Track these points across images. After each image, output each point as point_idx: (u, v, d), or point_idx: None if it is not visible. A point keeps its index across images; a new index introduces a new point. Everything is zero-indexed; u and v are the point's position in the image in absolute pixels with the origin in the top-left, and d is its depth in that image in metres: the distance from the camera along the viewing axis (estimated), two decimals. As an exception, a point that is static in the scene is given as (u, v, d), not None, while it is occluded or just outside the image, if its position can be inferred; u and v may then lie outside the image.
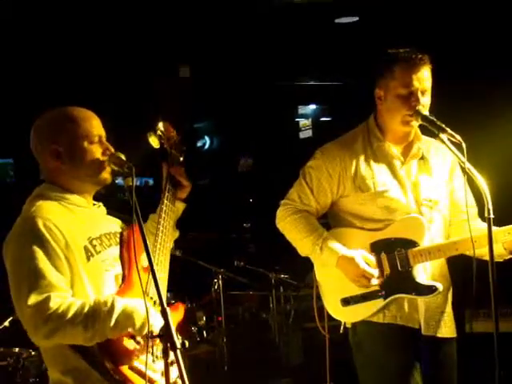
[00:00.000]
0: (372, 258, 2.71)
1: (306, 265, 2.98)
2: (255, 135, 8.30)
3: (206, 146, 9.11)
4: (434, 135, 2.61)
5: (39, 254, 2.13)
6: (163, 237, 2.37)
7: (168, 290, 5.01)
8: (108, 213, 2.48)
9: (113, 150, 2.32)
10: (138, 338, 2.18)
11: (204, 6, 5.35)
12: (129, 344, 2.16)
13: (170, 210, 2.43)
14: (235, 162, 8.78)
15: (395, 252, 2.69)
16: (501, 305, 2.33)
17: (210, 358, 5.30)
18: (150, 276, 2.21)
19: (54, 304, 2.08)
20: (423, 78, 2.69)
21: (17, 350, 3.76)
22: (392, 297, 2.70)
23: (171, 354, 1.92)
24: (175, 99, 6.31)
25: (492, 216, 2.36)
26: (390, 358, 2.69)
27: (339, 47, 6.18)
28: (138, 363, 2.16)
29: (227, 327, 5.40)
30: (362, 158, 2.79)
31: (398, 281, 2.69)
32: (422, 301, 2.71)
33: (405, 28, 5.55)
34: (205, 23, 5.65)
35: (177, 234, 2.58)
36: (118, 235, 2.38)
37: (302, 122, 8.67)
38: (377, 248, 2.72)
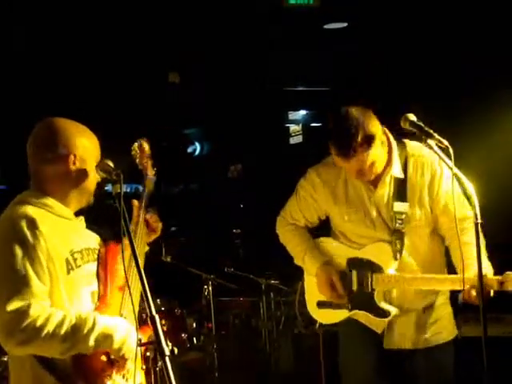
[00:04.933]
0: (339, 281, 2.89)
1: (297, 270, 3.07)
2: (245, 141, 8.31)
3: (197, 152, 9.10)
4: (421, 140, 2.62)
5: (23, 259, 2.08)
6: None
7: (158, 297, 5.01)
8: (87, 227, 2.43)
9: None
10: (113, 357, 2.15)
11: (193, 12, 5.36)
12: (103, 362, 2.13)
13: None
14: (225, 168, 8.78)
15: (364, 272, 2.84)
16: (489, 309, 2.34)
17: (200, 364, 5.29)
18: (125, 296, 2.26)
19: (33, 312, 2.04)
20: (352, 166, 2.73)
21: (5, 358, 3.73)
22: (354, 311, 2.88)
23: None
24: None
25: (480, 221, 2.37)
26: (351, 352, 2.93)
27: (328, 53, 6.19)
28: (110, 383, 2.13)
29: (217, 334, 5.39)
30: (335, 188, 2.92)
31: (362, 298, 2.85)
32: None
33: (394, 33, 5.59)
34: (194, 30, 5.66)
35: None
36: (95, 251, 2.35)
37: (293, 127, 8.67)
38: (351, 264, 2.90)
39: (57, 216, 2.24)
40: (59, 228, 2.22)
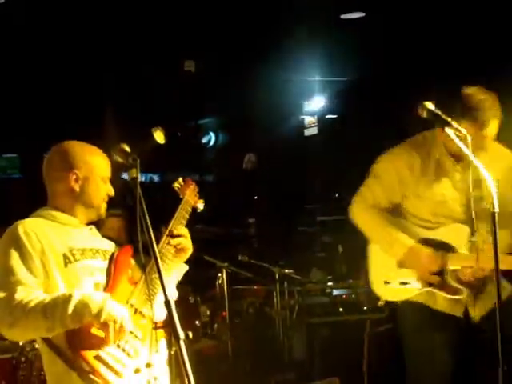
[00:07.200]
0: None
1: (310, 260, 3.05)
2: (260, 131, 8.30)
3: (211, 143, 9.11)
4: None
5: (14, 255, 2.33)
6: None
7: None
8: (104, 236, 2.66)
9: (113, 192, 2.54)
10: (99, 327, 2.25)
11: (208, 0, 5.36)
12: (96, 334, 2.24)
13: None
14: (240, 159, 8.77)
15: (439, 252, 2.92)
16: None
17: (214, 352, 5.31)
18: (134, 288, 2.42)
19: (18, 296, 2.25)
20: (491, 128, 2.85)
21: (21, 343, 3.76)
22: (425, 289, 2.96)
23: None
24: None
25: (497, 210, 2.36)
26: (425, 337, 2.99)
27: (345, 43, 6.17)
28: (104, 354, 2.24)
29: (231, 322, 5.40)
30: (424, 165, 3.00)
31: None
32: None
33: (412, 24, 5.55)
34: (210, 18, 5.66)
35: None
36: (106, 252, 2.54)
37: (308, 119, 8.64)
38: (423, 243, 2.97)
39: (62, 224, 2.49)
40: (61, 232, 2.46)
